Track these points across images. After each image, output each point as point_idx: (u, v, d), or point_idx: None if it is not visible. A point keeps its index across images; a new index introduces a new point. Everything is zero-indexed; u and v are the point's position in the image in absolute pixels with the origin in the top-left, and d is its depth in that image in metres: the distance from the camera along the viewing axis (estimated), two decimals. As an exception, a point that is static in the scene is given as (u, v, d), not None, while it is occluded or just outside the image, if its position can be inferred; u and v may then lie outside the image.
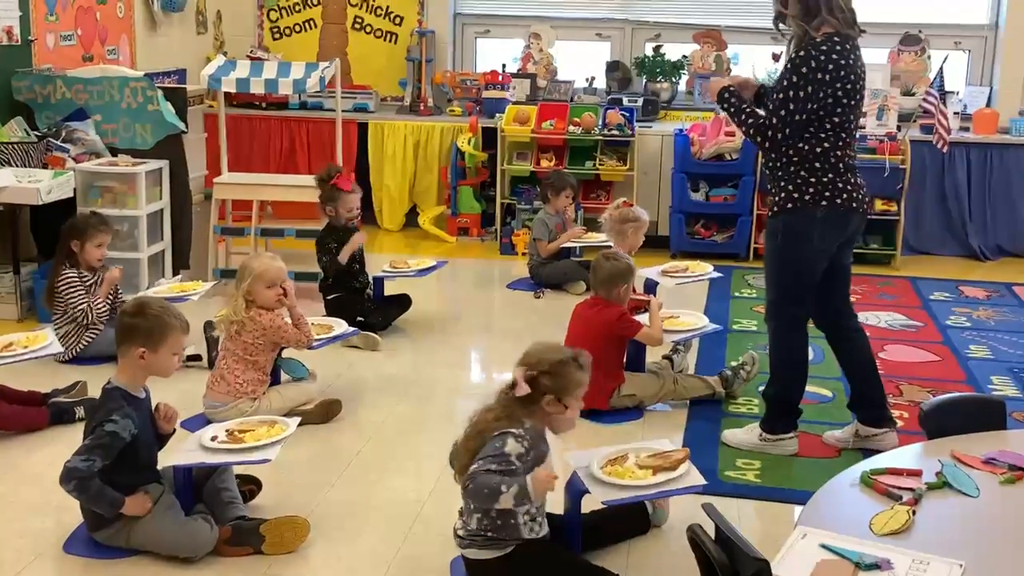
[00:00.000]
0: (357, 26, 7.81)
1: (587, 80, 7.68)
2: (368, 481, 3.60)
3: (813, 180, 3.53)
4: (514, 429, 2.74)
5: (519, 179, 7.18)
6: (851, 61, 3.47)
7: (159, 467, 3.16)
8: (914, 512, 2.15)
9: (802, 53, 3.45)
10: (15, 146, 5.30)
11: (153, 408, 3.17)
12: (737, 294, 6.02)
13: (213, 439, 3.18)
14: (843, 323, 3.89)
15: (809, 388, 4.47)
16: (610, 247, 5.08)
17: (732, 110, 3.64)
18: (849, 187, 3.56)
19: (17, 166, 5.22)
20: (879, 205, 6.60)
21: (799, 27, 3.49)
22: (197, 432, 3.31)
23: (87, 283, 4.73)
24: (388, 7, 7.74)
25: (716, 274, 5.34)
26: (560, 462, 3.09)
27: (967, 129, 6.98)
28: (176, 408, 3.22)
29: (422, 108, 7.50)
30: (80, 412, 3.99)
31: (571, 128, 7.02)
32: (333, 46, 7.78)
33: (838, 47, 3.44)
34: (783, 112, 3.45)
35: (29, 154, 5.32)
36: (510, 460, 2.70)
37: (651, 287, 5.25)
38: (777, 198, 3.63)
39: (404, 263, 5.48)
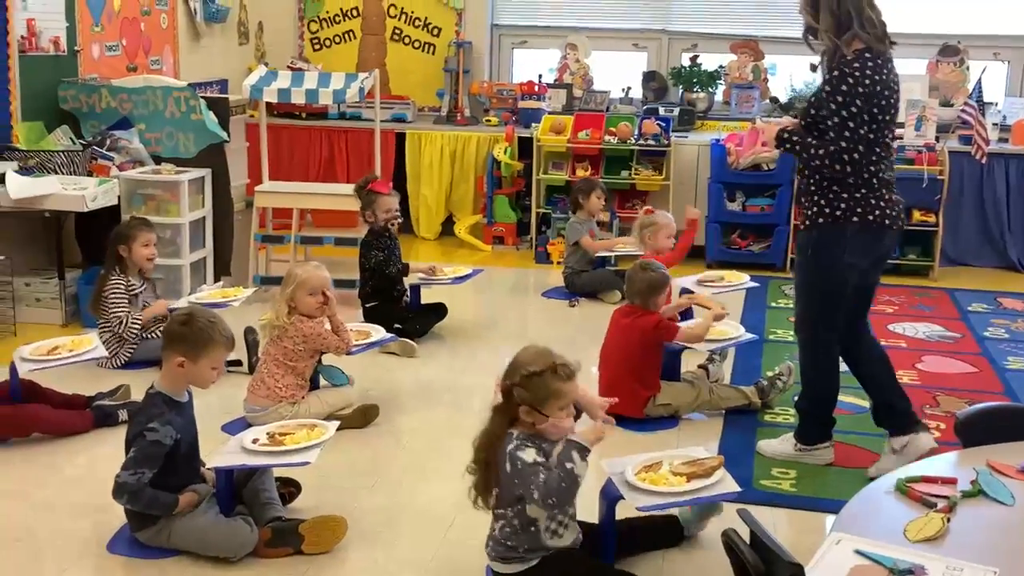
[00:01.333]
0: (396, 37, 7.89)
1: (623, 90, 7.71)
2: (405, 486, 3.64)
3: (845, 195, 3.50)
4: (510, 445, 2.75)
5: (554, 188, 7.22)
6: (883, 76, 3.45)
7: (202, 468, 3.22)
8: (949, 519, 2.15)
9: (836, 73, 3.45)
10: (61, 154, 5.41)
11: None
12: (773, 304, 6.01)
13: (254, 441, 3.23)
14: (859, 339, 3.83)
15: (845, 398, 4.48)
16: (638, 254, 5.13)
17: (797, 148, 3.59)
18: (883, 203, 3.53)
19: (63, 174, 5.33)
20: (917, 216, 6.57)
21: (830, 41, 3.48)
22: (238, 435, 3.36)
23: (133, 292, 4.80)
24: (426, 19, 7.82)
25: (752, 284, 5.35)
26: (595, 468, 3.11)
27: (1006, 140, 6.94)
28: (218, 412, 3.26)
29: (459, 118, 7.56)
30: (124, 415, 4.05)
31: (607, 138, 7.05)
32: (372, 57, 7.87)
33: (870, 63, 3.42)
34: (847, 132, 3.42)
35: (75, 162, 5.43)
36: (538, 463, 2.73)
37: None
38: (809, 212, 3.61)
39: (440, 271, 5.53)
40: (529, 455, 2.74)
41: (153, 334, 4.72)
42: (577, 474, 2.72)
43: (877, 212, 3.51)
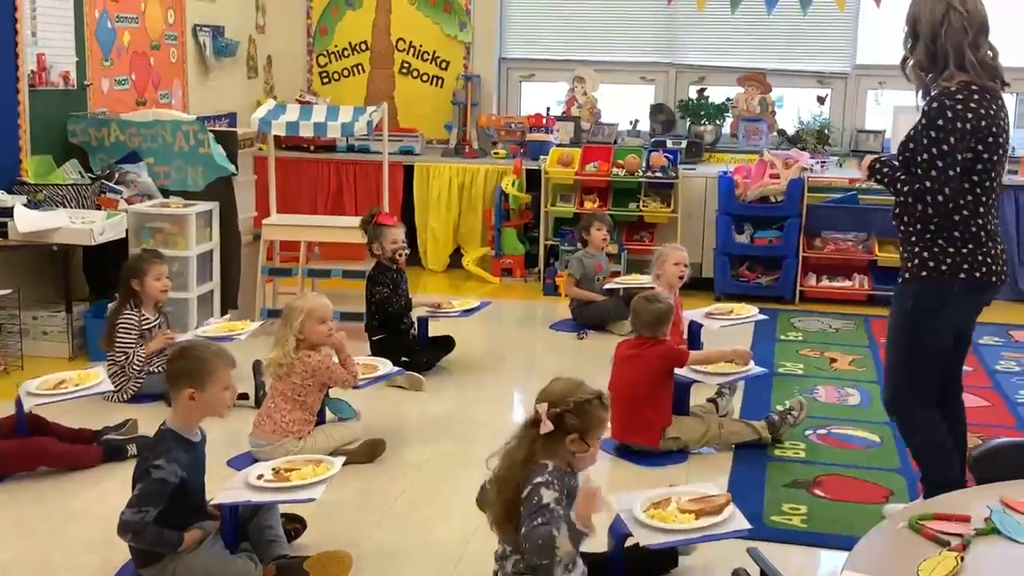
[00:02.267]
0: (404, 71, 7.92)
1: (631, 123, 7.72)
2: (412, 521, 3.61)
3: (952, 250, 3.23)
4: (539, 477, 2.72)
5: (562, 221, 7.22)
6: (991, 112, 3.19)
7: (209, 503, 3.19)
8: (962, 558, 2.12)
9: (935, 105, 3.16)
10: (70, 188, 5.43)
11: None
12: (783, 337, 5.98)
13: (259, 478, 3.20)
14: (947, 396, 3.52)
15: (856, 432, 4.47)
16: (650, 287, 5.10)
17: (886, 180, 3.34)
18: (989, 258, 3.26)
19: (71, 207, 5.34)
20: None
21: (918, 78, 3.27)
22: (243, 470, 3.34)
23: (146, 327, 4.80)
24: (435, 52, 7.85)
25: (761, 317, 5.32)
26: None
27: (1015, 172, 6.92)
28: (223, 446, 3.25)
29: (467, 151, 7.58)
30: (132, 449, 4.02)
31: (615, 170, 7.05)
32: (381, 90, 7.91)
33: (976, 96, 3.16)
34: (934, 172, 3.15)
35: (83, 196, 5.45)
36: (551, 509, 2.69)
37: (695, 329, 5.24)
38: (910, 263, 3.32)
39: (448, 304, 5.52)
40: (549, 496, 2.70)
41: (159, 368, 4.71)
42: (559, 543, 2.64)
43: (984, 268, 3.25)
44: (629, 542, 3.00)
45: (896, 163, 3.36)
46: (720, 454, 4.23)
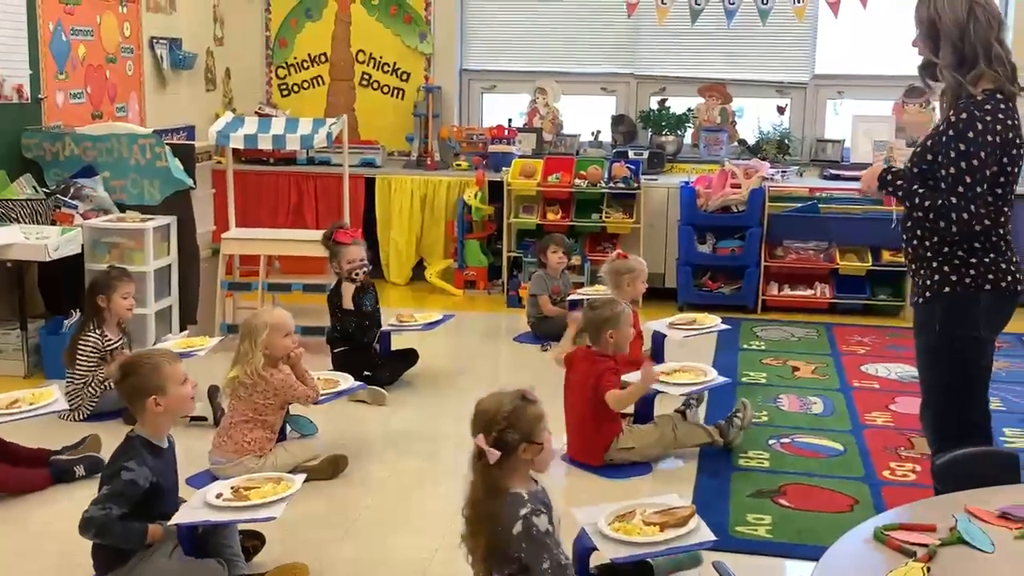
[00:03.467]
0: (364, 82, 7.88)
1: (593, 134, 7.73)
2: (374, 537, 3.56)
3: (974, 261, 3.10)
4: (524, 509, 2.67)
5: (526, 232, 7.20)
6: (1015, 123, 3.06)
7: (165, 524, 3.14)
8: (928, 568, 2.10)
9: (964, 116, 3.04)
10: (24, 203, 5.34)
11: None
12: (746, 346, 5.99)
13: (218, 496, 3.15)
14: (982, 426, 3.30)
15: (820, 441, 4.48)
16: (612, 299, 5.08)
17: (900, 194, 3.18)
18: (1012, 266, 3.14)
19: (26, 223, 5.25)
20: (887, 256, 6.59)
21: (953, 79, 3.10)
22: (202, 490, 3.27)
23: (109, 348, 4.72)
24: (395, 64, 7.82)
25: (724, 326, 5.32)
26: (567, 518, 3.05)
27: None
28: (182, 465, 3.22)
29: (429, 163, 7.55)
30: (80, 471, 3.97)
31: (577, 181, 7.05)
32: (341, 102, 7.86)
33: (1003, 106, 3.05)
34: (961, 188, 3.02)
35: (37, 211, 5.35)
36: (550, 534, 2.68)
37: (659, 340, 5.23)
38: (929, 281, 3.17)
39: (410, 317, 5.48)
40: (543, 523, 2.67)
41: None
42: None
43: (1010, 278, 3.13)
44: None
45: (912, 173, 3.19)
46: (684, 465, 4.22)
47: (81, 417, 4.61)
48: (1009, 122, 3.05)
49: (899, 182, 3.20)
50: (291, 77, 7.96)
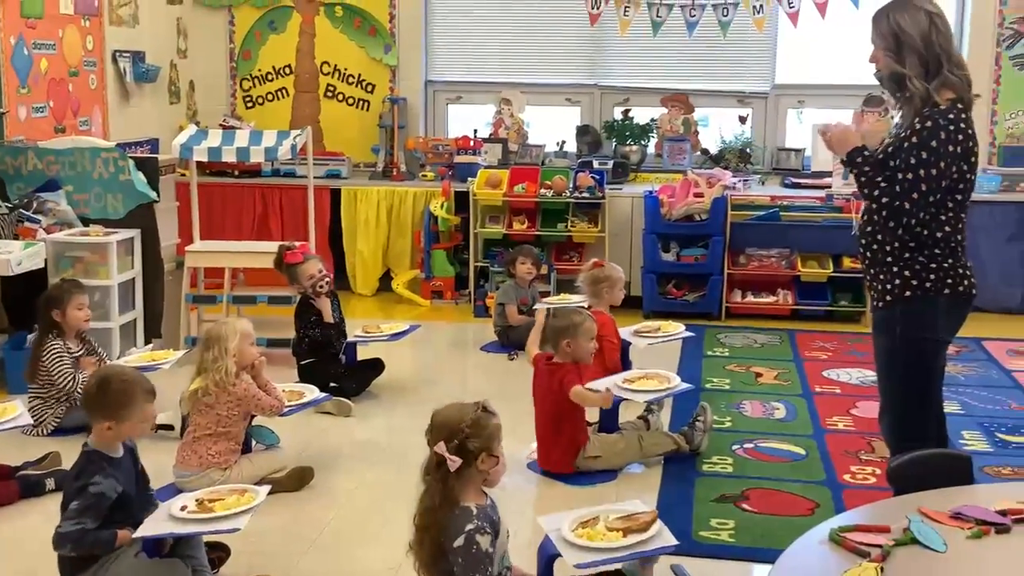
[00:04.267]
0: (329, 94, 7.89)
1: (558, 144, 7.77)
2: (340, 549, 3.57)
3: (934, 266, 3.18)
4: (470, 524, 2.70)
5: (492, 242, 7.23)
6: (973, 131, 3.15)
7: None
8: (882, 569, 2.15)
9: (928, 124, 3.10)
10: (-14, 218, 5.30)
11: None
12: (710, 353, 6.04)
13: (183, 508, 3.15)
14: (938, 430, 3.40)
15: (781, 446, 4.53)
16: (582, 308, 5.12)
17: (864, 179, 3.21)
18: (968, 272, 3.24)
19: (-12, 238, 5.22)
20: (847, 263, 6.68)
21: (922, 87, 3.15)
22: (167, 502, 3.27)
23: (74, 355, 4.71)
24: (360, 75, 7.83)
25: (688, 334, 5.36)
26: (532, 525, 3.08)
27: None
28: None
29: (395, 174, 7.56)
30: (50, 484, 3.96)
31: (542, 191, 7.09)
32: (306, 114, 7.86)
33: (963, 115, 3.13)
34: (915, 195, 3.10)
35: (0, 226, 5.32)
36: (490, 556, 2.70)
37: (624, 347, 5.27)
38: (890, 285, 3.24)
39: (376, 327, 5.49)
40: (485, 542, 2.70)
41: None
42: None
43: (966, 282, 3.23)
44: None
45: (879, 163, 3.22)
46: (649, 471, 4.26)
47: (46, 432, 4.59)
48: (969, 131, 3.14)
49: (867, 168, 3.22)
50: (255, 89, 7.96)
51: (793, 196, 6.94)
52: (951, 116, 3.11)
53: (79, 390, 4.58)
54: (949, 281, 3.20)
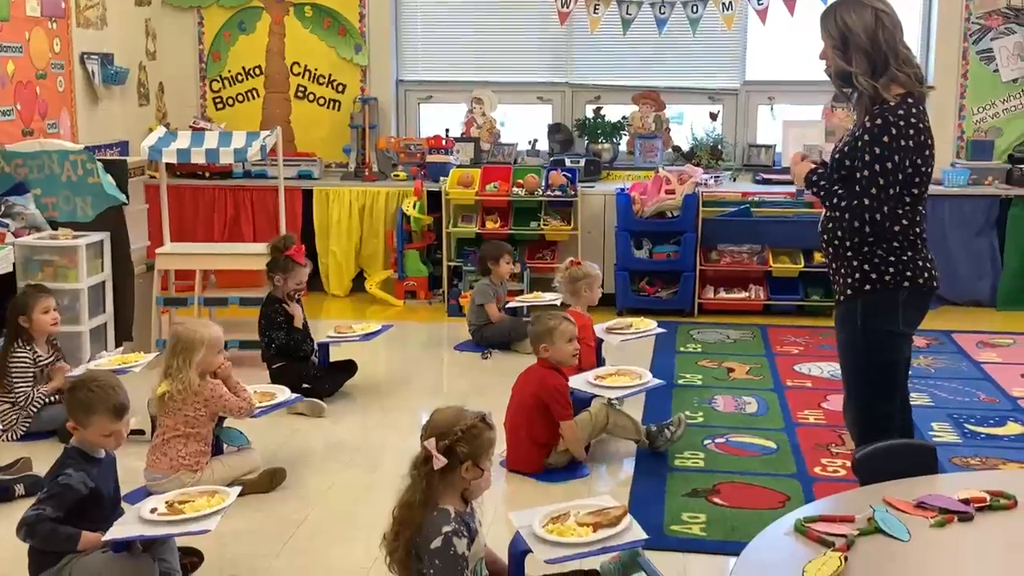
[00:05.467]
0: (300, 94, 7.86)
1: (530, 142, 7.78)
2: (314, 550, 3.57)
3: (892, 259, 3.22)
4: (447, 526, 2.71)
5: (465, 241, 7.23)
6: (926, 124, 3.19)
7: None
8: (846, 558, 2.17)
9: (879, 121, 3.15)
10: (-47, 222, 5.26)
11: None
12: (682, 349, 6.07)
13: (152, 511, 3.14)
14: (905, 421, 3.46)
15: (753, 440, 4.56)
16: (555, 306, 5.16)
17: (823, 194, 3.30)
18: (928, 264, 3.27)
19: (-45, 243, 5.17)
20: (818, 257, 6.71)
21: (869, 85, 3.20)
22: (136, 505, 3.26)
23: (40, 364, 4.69)
24: (331, 75, 7.81)
25: (660, 330, 5.40)
26: (502, 521, 3.09)
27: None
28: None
29: (367, 174, 7.55)
30: (20, 489, 3.94)
31: (515, 190, 7.09)
32: (276, 114, 7.83)
33: (914, 109, 3.17)
34: (874, 190, 3.15)
35: (-33, 230, 5.28)
36: (465, 558, 2.71)
37: (596, 345, 5.29)
38: (850, 279, 3.29)
39: (349, 328, 5.48)
40: (461, 546, 2.70)
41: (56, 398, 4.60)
42: None
43: (926, 275, 3.26)
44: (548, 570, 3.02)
45: (833, 176, 3.30)
46: (620, 466, 4.28)
47: (16, 437, 4.56)
48: (921, 125, 3.17)
49: (822, 183, 3.32)
50: (225, 90, 7.92)
51: (764, 192, 6.98)
52: (900, 112, 3.15)
53: (35, 401, 4.57)
54: (908, 274, 3.24)
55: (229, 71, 7.88)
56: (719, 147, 7.49)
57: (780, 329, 6.50)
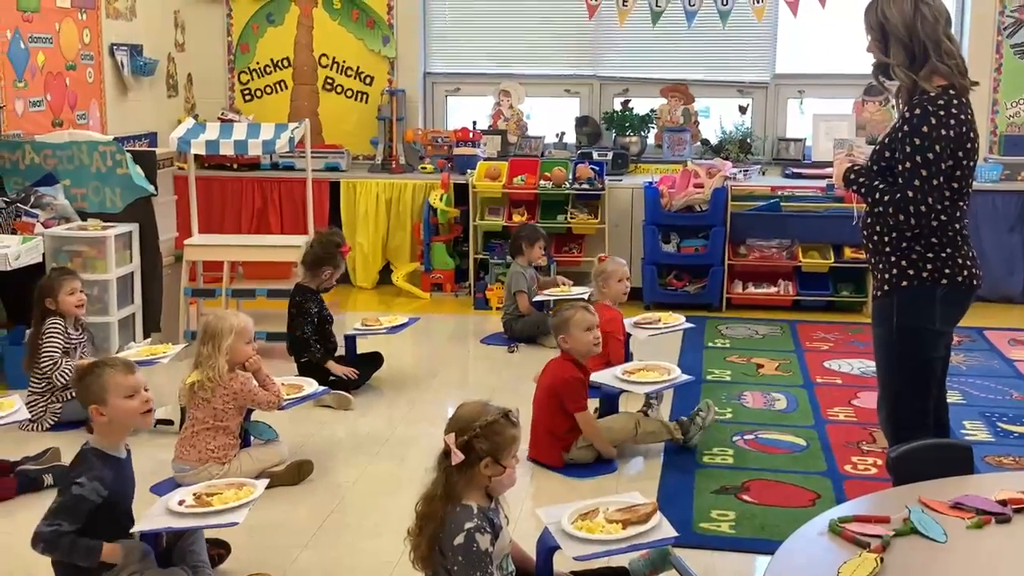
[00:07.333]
0: (328, 87, 7.87)
1: (557, 135, 7.75)
2: (341, 543, 3.56)
3: (931, 255, 3.18)
4: (470, 523, 2.68)
5: (491, 234, 7.21)
6: (969, 117, 3.15)
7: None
8: (882, 559, 2.13)
9: (918, 111, 3.12)
10: (-17, 212, 5.29)
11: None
12: (710, 344, 6.03)
13: (180, 503, 3.14)
14: (939, 410, 3.42)
15: (783, 437, 4.52)
16: (581, 299, 5.15)
17: (863, 191, 3.27)
18: (968, 262, 3.22)
19: (-15, 232, 5.21)
20: (848, 253, 6.66)
21: (907, 77, 3.17)
22: (164, 496, 3.26)
23: (72, 344, 4.71)
24: (359, 67, 7.81)
25: (688, 325, 5.36)
26: (531, 517, 3.07)
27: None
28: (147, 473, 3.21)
29: (394, 166, 7.54)
30: (49, 480, 3.95)
31: (542, 183, 7.07)
32: (304, 107, 7.84)
33: (955, 100, 3.13)
34: (917, 182, 3.10)
35: (-2, 220, 5.31)
36: (489, 554, 2.68)
37: (626, 339, 5.26)
38: (888, 275, 3.25)
39: (376, 320, 5.48)
40: (484, 542, 2.68)
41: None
42: None
43: (965, 272, 3.20)
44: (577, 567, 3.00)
45: (873, 170, 3.28)
46: (649, 463, 4.25)
47: (45, 427, 4.58)
48: (962, 116, 3.13)
49: (861, 179, 3.29)
50: (254, 82, 7.93)
51: (794, 186, 6.91)
52: (940, 102, 3.12)
53: (63, 376, 4.57)
54: (947, 271, 3.19)
55: (257, 63, 7.89)
56: (748, 140, 7.43)
57: (809, 325, 6.44)
